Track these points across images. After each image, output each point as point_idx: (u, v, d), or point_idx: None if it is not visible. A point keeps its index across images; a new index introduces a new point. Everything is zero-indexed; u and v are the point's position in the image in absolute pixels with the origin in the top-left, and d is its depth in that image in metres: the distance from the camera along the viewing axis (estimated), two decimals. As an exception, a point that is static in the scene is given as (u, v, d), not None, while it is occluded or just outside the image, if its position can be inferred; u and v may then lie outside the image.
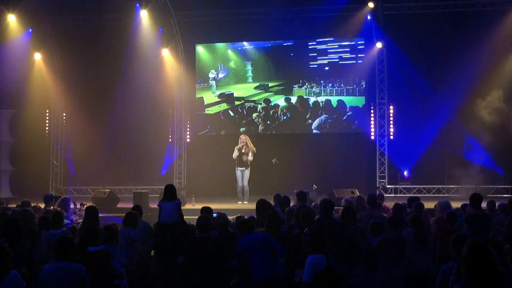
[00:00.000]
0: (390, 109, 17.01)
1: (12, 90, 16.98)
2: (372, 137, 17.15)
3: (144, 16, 16.54)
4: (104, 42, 16.80)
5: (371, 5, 15.97)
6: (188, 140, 18.24)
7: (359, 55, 17.34)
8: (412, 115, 16.58)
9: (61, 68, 18.02)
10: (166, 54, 17.74)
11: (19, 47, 16.82)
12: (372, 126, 17.17)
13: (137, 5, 16.34)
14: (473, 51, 15.25)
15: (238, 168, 14.43)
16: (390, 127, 16.99)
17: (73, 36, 17.22)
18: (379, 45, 16.60)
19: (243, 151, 14.33)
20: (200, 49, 18.29)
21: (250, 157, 14.31)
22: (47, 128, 18.47)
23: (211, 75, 18.04)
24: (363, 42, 17.16)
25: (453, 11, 16.06)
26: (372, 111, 17.20)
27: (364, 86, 17.30)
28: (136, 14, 16.54)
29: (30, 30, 16.86)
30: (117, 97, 17.18)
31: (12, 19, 16.10)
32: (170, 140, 18.21)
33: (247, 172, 14.40)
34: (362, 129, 17.32)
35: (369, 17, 16.40)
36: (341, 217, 7.13)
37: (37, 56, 17.64)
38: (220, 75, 18.07)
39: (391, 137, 16.97)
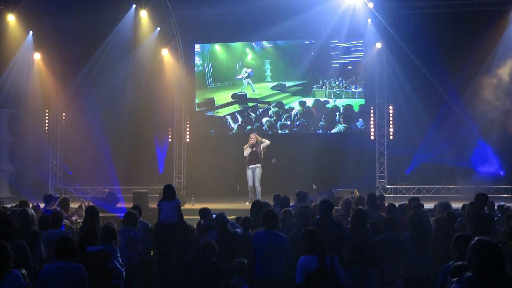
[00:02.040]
0: (390, 109, 17.02)
1: (12, 90, 16.98)
2: (372, 137, 17.16)
3: (144, 16, 16.54)
4: (103, 42, 16.79)
5: (370, 5, 15.96)
6: (188, 140, 18.23)
7: (359, 55, 17.36)
8: (412, 115, 16.57)
9: (61, 68, 18.01)
10: (166, 54, 17.74)
11: (19, 47, 16.83)
12: (372, 126, 17.18)
13: (133, 6, 16.32)
14: (473, 50, 15.27)
15: (249, 166, 13.88)
16: (390, 127, 17.00)
17: (73, 36, 17.20)
18: (378, 45, 16.61)
19: (254, 149, 13.84)
20: (218, 48, 18.16)
21: (263, 145, 13.79)
22: (47, 128, 18.45)
23: (244, 74, 17.84)
24: (362, 42, 17.15)
25: (454, 11, 16.05)
26: (372, 111, 17.22)
27: (363, 86, 17.30)
28: (134, 14, 16.54)
29: (31, 32, 16.86)
30: (116, 97, 17.18)
31: (11, 19, 16.10)
32: (170, 140, 18.20)
33: (258, 171, 13.79)
34: (362, 129, 17.34)
35: (369, 19, 16.41)
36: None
37: (37, 56, 17.63)
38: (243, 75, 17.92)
39: (391, 137, 16.98)
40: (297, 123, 17.61)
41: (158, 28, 17.24)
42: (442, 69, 15.81)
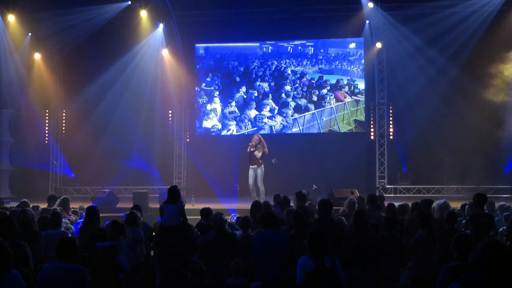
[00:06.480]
0: (390, 109, 17.02)
1: (12, 90, 16.97)
2: (372, 137, 17.16)
3: (144, 16, 16.54)
4: (103, 42, 16.78)
5: (370, 5, 15.97)
6: (188, 140, 18.23)
7: (359, 55, 17.35)
8: (412, 115, 16.57)
9: (61, 68, 18.00)
10: (166, 54, 17.73)
11: (19, 47, 16.82)
12: (372, 126, 17.18)
13: (129, 2, 16.29)
14: (473, 50, 15.28)
15: (250, 166, 13.84)
16: (390, 127, 17.00)
17: (73, 36, 17.17)
18: (378, 45, 16.61)
19: (255, 149, 13.78)
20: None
21: (259, 153, 13.72)
22: (47, 128, 18.45)
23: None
24: (362, 42, 17.15)
25: (453, 11, 16.04)
26: (372, 111, 17.21)
27: (364, 86, 17.30)
28: (129, 13, 16.52)
29: (30, 32, 16.87)
30: (116, 97, 17.17)
31: (11, 19, 16.10)
32: (170, 140, 18.19)
33: (259, 171, 13.73)
34: (362, 129, 17.33)
35: (367, 21, 16.41)
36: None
37: (37, 56, 17.63)
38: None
39: (391, 137, 16.97)
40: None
41: (159, 27, 17.22)
42: (442, 69, 15.84)
